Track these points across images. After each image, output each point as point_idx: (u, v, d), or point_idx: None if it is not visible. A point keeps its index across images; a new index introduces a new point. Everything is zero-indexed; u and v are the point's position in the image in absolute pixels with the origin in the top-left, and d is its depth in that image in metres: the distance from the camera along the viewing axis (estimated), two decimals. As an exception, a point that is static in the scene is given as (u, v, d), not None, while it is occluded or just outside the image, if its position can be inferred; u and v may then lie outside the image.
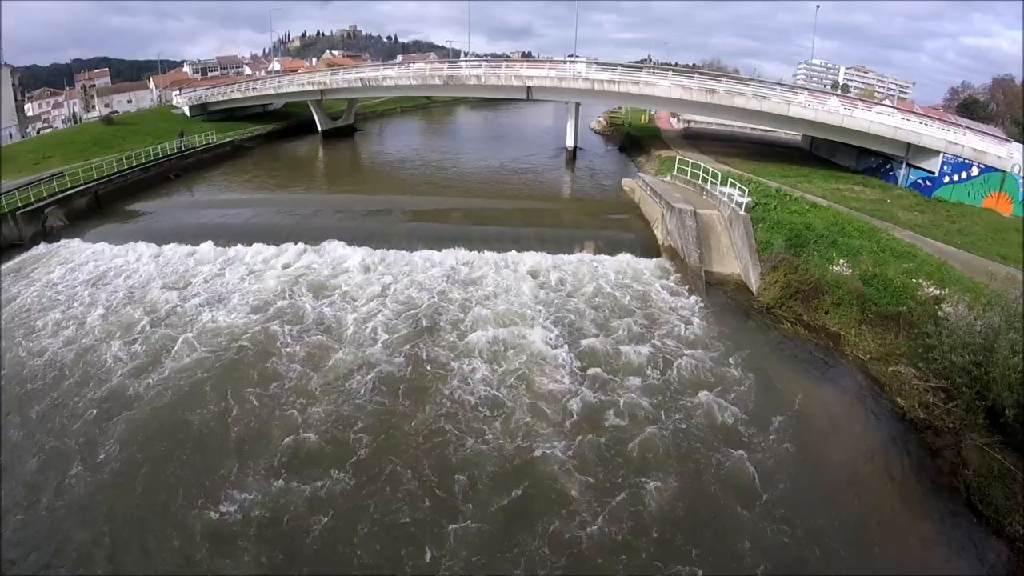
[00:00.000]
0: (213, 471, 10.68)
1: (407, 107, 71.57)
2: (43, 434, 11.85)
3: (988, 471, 10.40)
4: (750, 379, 13.59)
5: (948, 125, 28.09)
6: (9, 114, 55.34)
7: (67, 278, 19.44)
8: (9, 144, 43.37)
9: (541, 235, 21.91)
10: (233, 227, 22.91)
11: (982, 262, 18.03)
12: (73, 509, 9.97)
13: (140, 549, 9.23)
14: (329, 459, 10.92)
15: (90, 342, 15.18)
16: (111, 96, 71.31)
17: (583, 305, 17.10)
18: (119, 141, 37.36)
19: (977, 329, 11.93)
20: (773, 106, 30.20)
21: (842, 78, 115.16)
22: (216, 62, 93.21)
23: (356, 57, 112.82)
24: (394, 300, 17.23)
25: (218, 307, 16.94)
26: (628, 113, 57.87)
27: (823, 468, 11.12)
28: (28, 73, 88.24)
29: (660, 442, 11.48)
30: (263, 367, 13.83)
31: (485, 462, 10.89)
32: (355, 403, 12.55)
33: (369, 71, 45.93)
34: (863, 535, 9.68)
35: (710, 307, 17.17)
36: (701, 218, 20.66)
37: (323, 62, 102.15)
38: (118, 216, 25.55)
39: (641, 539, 9.38)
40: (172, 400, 12.73)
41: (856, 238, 18.65)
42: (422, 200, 27.95)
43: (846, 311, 15.80)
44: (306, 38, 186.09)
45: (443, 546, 9.15)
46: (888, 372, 13.59)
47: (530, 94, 37.79)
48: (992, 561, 9.40)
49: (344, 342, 14.97)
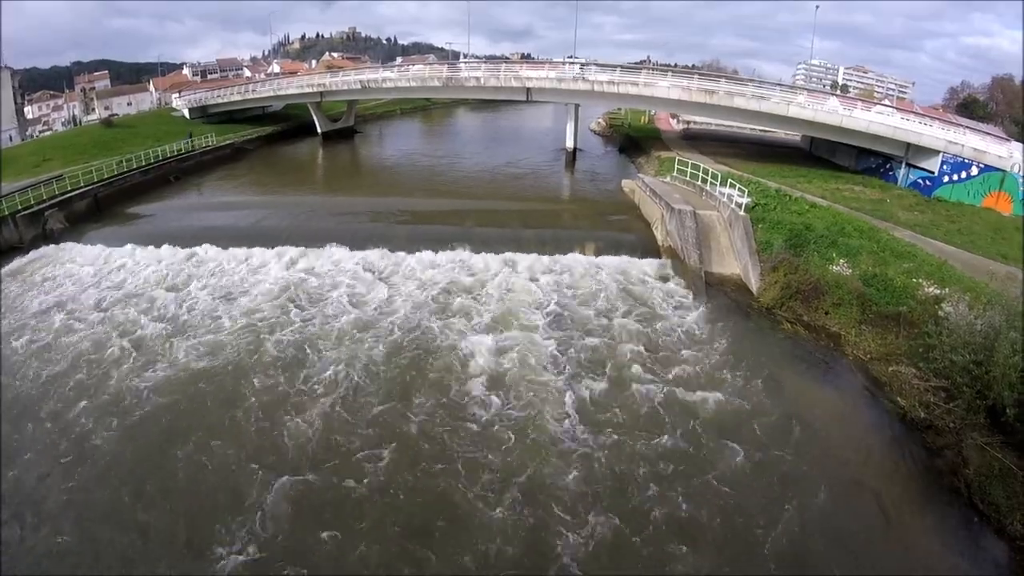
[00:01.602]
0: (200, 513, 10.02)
1: (407, 109, 71.58)
2: (41, 434, 11.87)
3: (989, 470, 10.39)
4: (750, 379, 13.58)
5: (948, 125, 28.08)
6: (9, 117, 55.44)
7: (67, 281, 19.45)
8: (9, 147, 43.47)
9: (541, 236, 21.91)
10: (233, 229, 22.92)
11: (982, 261, 18.04)
12: (70, 511, 9.98)
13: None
14: (333, 460, 10.93)
15: (90, 344, 15.17)
16: (111, 99, 71.28)
17: (583, 306, 17.10)
18: (119, 144, 37.41)
19: (978, 328, 11.93)
20: (772, 106, 30.20)
21: (841, 78, 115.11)
22: (216, 64, 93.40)
23: (355, 59, 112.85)
24: (394, 302, 17.22)
25: (217, 310, 16.92)
26: (628, 114, 57.90)
27: (824, 468, 11.09)
28: (28, 76, 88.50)
29: (660, 442, 11.47)
30: (264, 367, 13.84)
31: (487, 468, 10.91)
32: (353, 406, 12.55)
33: (368, 73, 45.96)
34: (864, 535, 9.67)
35: (710, 308, 17.16)
36: (701, 219, 20.66)
37: (322, 64, 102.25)
38: (118, 219, 25.57)
39: (640, 538, 9.37)
40: (171, 402, 12.72)
41: (856, 238, 18.64)
42: (422, 202, 27.96)
43: (846, 311, 15.79)
44: (306, 40, 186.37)
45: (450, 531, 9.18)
46: (888, 372, 13.59)
47: (529, 95, 37.81)
48: (993, 560, 9.40)
49: (342, 344, 14.95)
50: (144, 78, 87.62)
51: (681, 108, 38.28)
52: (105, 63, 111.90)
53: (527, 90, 37.37)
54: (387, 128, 60.51)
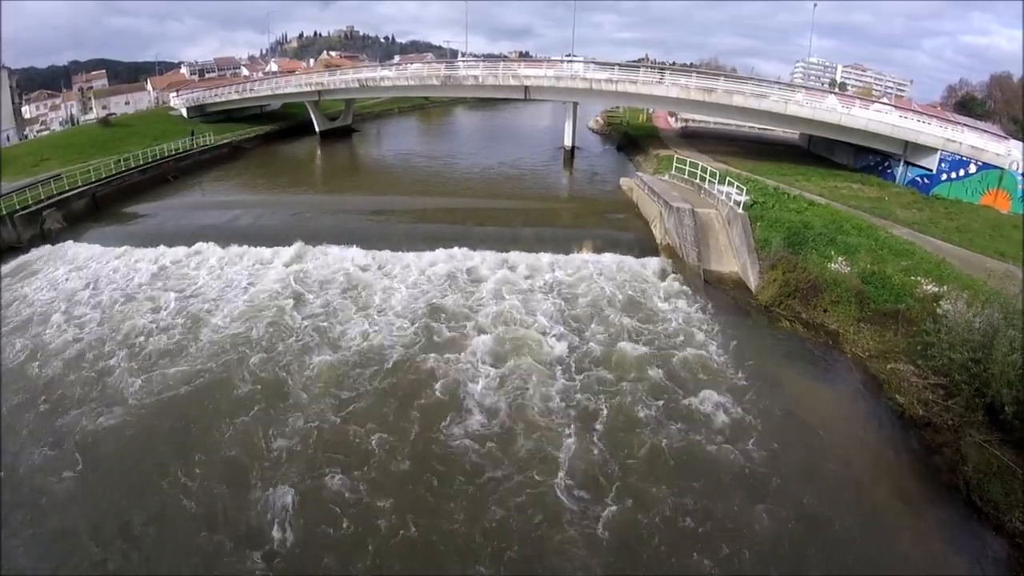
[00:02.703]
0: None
1: (405, 107, 71.51)
2: (41, 434, 11.86)
3: (987, 468, 10.41)
4: (749, 377, 13.60)
5: (946, 123, 28.10)
6: (7, 117, 55.38)
7: (66, 280, 19.39)
8: (7, 146, 43.44)
9: (539, 235, 21.90)
10: (231, 228, 22.87)
11: (980, 259, 18.06)
12: (68, 513, 9.99)
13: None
14: (335, 460, 10.97)
15: (88, 344, 15.15)
16: (108, 98, 71.02)
17: (581, 304, 17.09)
18: (117, 143, 37.29)
19: (976, 326, 11.95)
20: (771, 104, 30.20)
21: (839, 76, 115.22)
22: (213, 64, 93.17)
23: (353, 58, 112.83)
24: (393, 301, 17.21)
25: (216, 309, 16.90)
26: (626, 112, 57.88)
27: (822, 465, 11.11)
28: (25, 75, 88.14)
29: (659, 440, 11.48)
30: (264, 368, 13.81)
31: (485, 465, 10.92)
32: (350, 407, 12.57)
33: (367, 72, 45.91)
34: (862, 532, 9.68)
35: (709, 306, 17.15)
36: (699, 217, 20.66)
37: (320, 63, 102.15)
38: (116, 218, 25.51)
39: (640, 537, 9.39)
40: (170, 403, 12.72)
41: (854, 236, 18.66)
42: (420, 201, 27.91)
43: (845, 309, 15.82)
44: (303, 39, 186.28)
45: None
46: (887, 369, 13.61)
47: (528, 94, 37.74)
48: (991, 558, 9.41)
49: (342, 344, 14.95)
50: (142, 77, 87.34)
51: (679, 106, 38.32)
52: (103, 62, 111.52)
53: (525, 89, 37.31)
54: (385, 127, 60.43)
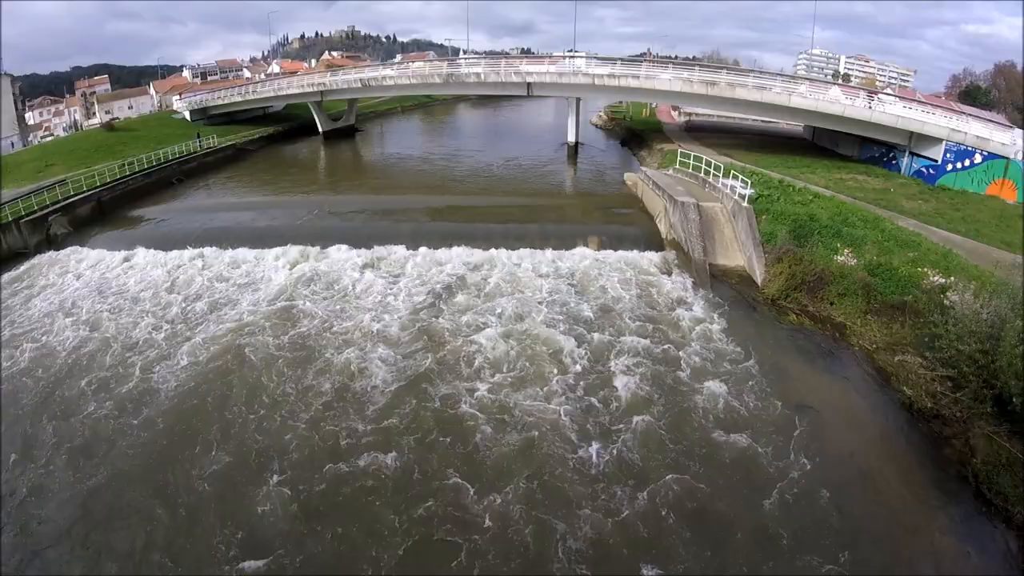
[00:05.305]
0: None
1: (408, 106, 71.59)
2: (46, 437, 11.97)
3: (996, 459, 10.38)
4: (756, 370, 13.59)
5: (950, 113, 27.90)
6: (10, 123, 55.58)
7: (72, 285, 19.53)
8: (11, 153, 43.66)
9: (544, 231, 21.92)
10: (236, 230, 22.96)
11: (987, 249, 17.97)
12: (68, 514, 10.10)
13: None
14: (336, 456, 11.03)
15: (95, 348, 15.26)
16: (111, 103, 71.42)
17: (588, 300, 17.10)
18: (121, 147, 37.53)
19: (983, 317, 11.87)
20: (774, 97, 30.03)
21: (843, 67, 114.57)
22: (215, 66, 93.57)
23: (355, 57, 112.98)
24: (399, 300, 17.27)
25: (223, 311, 17.02)
26: (629, 107, 57.77)
27: (830, 458, 11.09)
28: (28, 82, 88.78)
29: (667, 434, 11.51)
30: (268, 369, 13.88)
31: (494, 461, 10.97)
32: (365, 403, 12.63)
33: (369, 71, 45.93)
34: (871, 524, 9.67)
35: (715, 299, 17.14)
36: (704, 211, 20.61)
37: (322, 63, 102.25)
38: (122, 222, 25.65)
39: (646, 530, 9.42)
40: (176, 405, 12.81)
41: (860, 228, 18.58)
42: (424, 199, 27.92)
43: (851, 301, 15.75)
44: (305, 40, 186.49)
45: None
46: (895, 362, 13.56)
47: (530, 90, 37.73)
48: (1001, 549, 9.39)
49: (350, 343, 15.01)
50: (144, 81, 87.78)
51: (682, 100, 38.09)
52: (105, 67, 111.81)
53: (528, 85, 37.31)
54: (388, 126, 60.50)
